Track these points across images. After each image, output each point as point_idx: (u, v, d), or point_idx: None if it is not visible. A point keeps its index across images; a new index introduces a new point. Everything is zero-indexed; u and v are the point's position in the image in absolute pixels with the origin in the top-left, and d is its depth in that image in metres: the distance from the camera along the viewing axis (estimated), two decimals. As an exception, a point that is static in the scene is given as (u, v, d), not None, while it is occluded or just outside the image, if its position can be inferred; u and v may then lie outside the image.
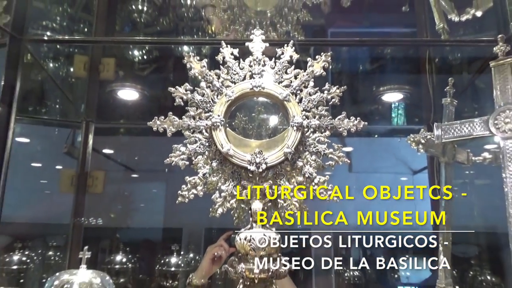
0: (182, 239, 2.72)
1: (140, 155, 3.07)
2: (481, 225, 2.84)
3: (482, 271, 2.27)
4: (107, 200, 2.64)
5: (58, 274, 1.33)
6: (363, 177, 3.35)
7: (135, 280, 2.12)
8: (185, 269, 2.10)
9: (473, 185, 2.69)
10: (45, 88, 2.24)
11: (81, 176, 1.92)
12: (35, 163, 2.52)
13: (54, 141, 2.61)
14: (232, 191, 0.95)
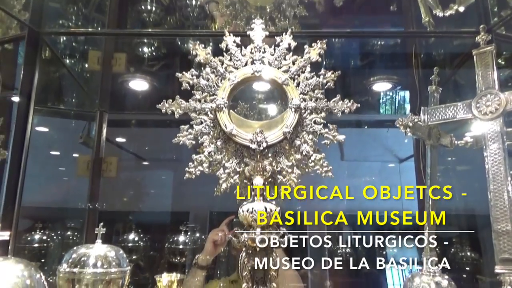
0: (189, 221, 2.71)
1: (150, 145, 3.06)
2: (462, 207, 2.84)
3: (463, 248, 2.27)
4: (120, 185, 2.64)
5: (76, 248, 1.32)
6: (354, 165, 3.34)
7: (146, 256, 2.12)
8: (191, 247, 2.11)
9: (454, 171, 2.69)
10: (63, 84, 2.23)
11: (96, 161, 1.91)
12: (54, 151, 2.51)
13: (71, 133, 2.60)
14: (235, 168, 0.94)
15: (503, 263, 0.95)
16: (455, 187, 2.93)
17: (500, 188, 0.99)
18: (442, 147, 1.86)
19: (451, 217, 2.90)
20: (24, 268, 0.93)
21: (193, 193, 3.08)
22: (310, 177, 1.37)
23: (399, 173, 3.29)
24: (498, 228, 0.97)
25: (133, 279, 2.26)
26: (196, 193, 3.12)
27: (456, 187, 2.85)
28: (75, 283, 1.24)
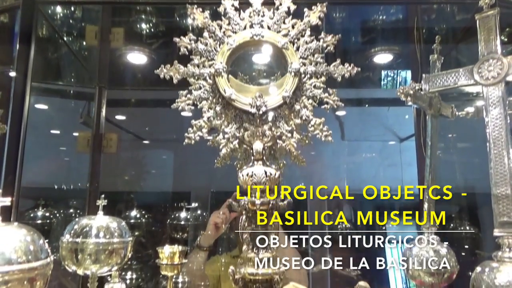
0: (190, 200, 2.73)
1: (150, 125, 3.05)
2: (462, 185, 2.85)
3: (462, 222, 2.29)
4: (120, 163, 2.65)
5: (78, 219, 1.33)
6: (354, 144, 3.34)
7: (148, 232, 2.14)
8: (193, 223, 2.13)
9: (455, 149, 2.69)
10: (60, 59, 2.21)
11: (96, 137, 1.91)
12: (54, 130, 2.51)
13: (71, 113, 2.59)
14: (235, 133, 0.94)
15: (502, 226, 0.95)
16: (455, 164, 2.94)
17: (501, 153, 0.99)
18: (443, 121, 1.85)
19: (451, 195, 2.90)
20: (27, 233, 0.93)
21: (194, 173, 3.09)
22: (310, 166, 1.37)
23: (400, 152, 3.29)
24: (497, 193, 0.97)
25: (136, 255, 2.29)
26: (197, 173, 3.13)
27: (457, 165, 2.87)
28: (78, 252, 1.26)
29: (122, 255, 1.32)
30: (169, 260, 1.46)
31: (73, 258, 1.27)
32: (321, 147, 3.29)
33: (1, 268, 0.84)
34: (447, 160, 2.66)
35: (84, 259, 1.26)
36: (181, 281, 1.98)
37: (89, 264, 1.26)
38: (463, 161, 2.75)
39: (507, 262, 0.92)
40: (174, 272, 1.48)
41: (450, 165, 2.69)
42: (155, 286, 2.07)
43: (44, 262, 0.93)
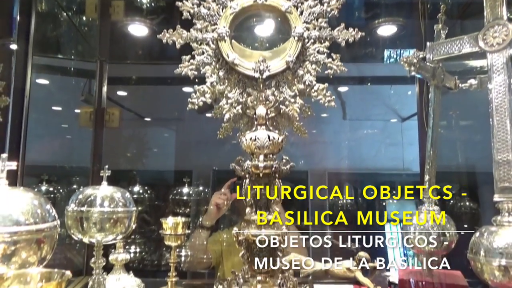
0: (192, 179, 2.75)
1: (152, 103, 3.05)
2: (463, 164, 2.86)
3: (461, 198, 2.31)
4: (123, 139, 2.66)
5: (82, 189, 1.35)
6: (356, 124, 3.35)
7: (151, 206, 2.17)
8: (195, 198, 2.15)
9: (457, 127, 2.69)
10: (61, 38, 2.19)
11: (98, 111, 1.91)
12: (55, 107, 2.51)
13: (72, 91, 2.59)
14: (238, 98, 0.94)
15: (502, 192, 0.97)
16: (457, 143, 2.94)
17: (503, 120, 0.99)
18: (446, 98, 1.84)
19: (452, 174, 2.94)
20: (33, 196, 0.95)
21: (196, 152, 3.11)
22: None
23: (401, 132, 3.29)
24: (499, 159, 0.98)
25: (140, 231, 2.33)
26: (199, 152, 3.15)
27: (458, 143, 2.87)
28: (83, 221, 1.28)
29: (127, 225, 1.34)
30: (173, 230, 1.49)
31: (78, 227, 1.29)
32: (322, 126, 3.30)
33: (9, 228, 0.85)
34: (449, 138, 2.66)
35: (89, 228, 1.28)
36: (184, 255, 2.02)
37: (94, 233, 1.28)
38: (464, 139, 2.75)
39: (506, 226, 0.94)
40: (177, 242, 1.51)
41: (451, 143, 2.70)
42: (159, 258, 2.11)
43: (51, 224, 0.94)
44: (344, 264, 1.55)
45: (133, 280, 1.60)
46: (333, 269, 1.54)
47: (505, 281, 0.90)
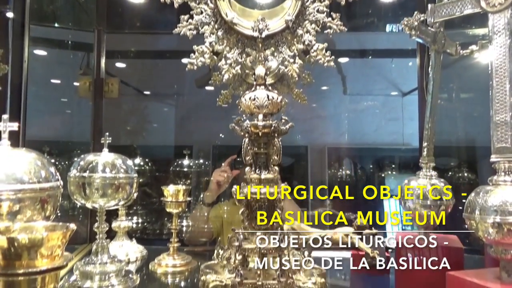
0: (192, 154, 2.77)
1: (151, 78, 3.04)
2: (463, 139, 2.87)
3: (460, 169, 2.33)
4: (122, 112, 2.66)
5: (83, 156, 1.37)
6: (357, 99, 3.34)
7: (152, 178, 2.20)
8: (196, 169, 2.18)
9: (458, 99, 2.68)
10: (58, 7, 2.16)
11: (97, 81, 1.91)
12: (54, 80, 2.50)
13: (70, 65, 2.57)
14: (237, 58, 0.94)
15: (499, 152, 0.98)
16: (457, 117, 2.93)
17: (502, 80, 1.00)
18: (447, 73, 1.82)
19: (451, 149, 2.95)
20: (36, 157, 0.96)
21: (196, 128, 3.12)
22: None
23: (402, 107, 3.29)
24: (497, 119, 0.99)
25: (141, 203, 2.37)
26: (199, 127, 3.16)
27: (458, 116, 2.87)
28: (85, 186, 1.30)
29: (128, 191, 1.37)
30: (174, 197, 1.52)
31: (81, 192, 1.31)
32: (322, 101, 3.29)
33: (13, 186, 0.87)
34: (449, 113, 2.66)
35: (92, 193, 1.30)
36: (185, 225, 2.07)
37: (97, 198, 1.31)
38: (464, 113, 2.75)
39: (502, 185, 0.96)
40: (178, 209, 1.54)
41: (451, 118, 2.71)
42: (160, 227, 2.15)
43: (55, 184, 0.97)
44: (342, 230, 1.58)
45: (135, 246, 1.65)
46: (331, 235, 1.57)
47: (498, 237, 0.92)
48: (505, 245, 0.93)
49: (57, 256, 0.70)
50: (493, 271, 1.01)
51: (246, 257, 0.87)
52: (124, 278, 1.33)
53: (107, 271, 1.30)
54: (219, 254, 1.11)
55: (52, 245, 0.69)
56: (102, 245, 1.34)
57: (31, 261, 0.67)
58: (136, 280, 1.36)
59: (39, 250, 0.67)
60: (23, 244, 0.65)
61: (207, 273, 1.04)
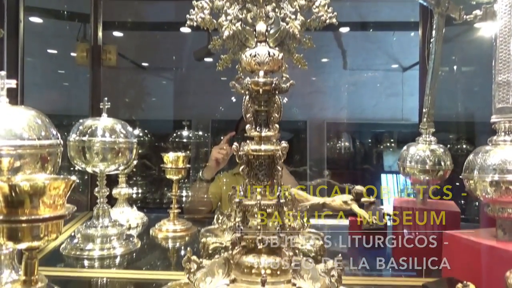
0: (191, 128, 2.76)
1: (149, 51, 3.00)
2: (462, 114, 2.87)
3: (459, 141, 2.34)
4: (120, 84, 2.64)
5: (82, 120, 1.36)
6: (357, 73, 3.31)
7: (151, 149, 2.20)
8: (195, 141, 2.18)
9: (459, 71, 2.67)
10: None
11: (95, 49, 1.88)
12: (51, 50, 2.47)
13: (66, 37, 2.53)
14: (238, 14, 0.92)
15: (500, 112, 0.98)
16: (457, 90, 2.92)
17: (506, 40, 0.98)
18: (448, 46, 1.79)
19: (451, 124, 2.95)
20: (36, 114, 0.96)
21: (195, 102, 3.10)
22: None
23: (402, 82, 3.27)
24: (499, 80, 0.98)
25: (141, 175, 2.38)
26: (198, 102, 3.14)
27: (458, 90, 2.85)
28: (85, 151, 1.31)
29: (128, 156, 1.37)
30: (174, 164, 1.53)
31: (81, 157, 1.31)
32: (322, 75, 3.27)
33: (13, 142, 0.87)
34: (449, 88, 2.65)
35: (92, 157, 1.31)
36: (185, 195, 2.08)
37: (97, 162, 1.31)
38: (464, 88, 2.74)
39: (501, 145, 0.96)
40: (178, 176, 1.55)
41: (451, 93, 2.70)
42: (160, 197, 2.17)
43: (54, 142, 0.96)
44: (341, 198, 1.60)
45: (136, 213, 1.67)
46: (330, 202, 1.59)
47: (496, 196, 0.93)
48: (502, 203, 0.94)
49: (59, 205, 0.71)
50: (489, 231, 1.02)
51: (246, 214, 0.88)
52: (125, 241, 1.35)
53: (108, 234, 1.32)
54: (219, 218, 1.12)
55: (54, 194, 0.69)
56: (103, 209, 1.35)
57: (33, 210, 0.67)
58: (137, 244, 1.39)
59: (41, 198, 0.68)
60: (25, 190, 0.66)
61: (207, 236, 1.05)
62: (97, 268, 1.21)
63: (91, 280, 1.14)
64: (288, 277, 0.78)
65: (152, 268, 1.23)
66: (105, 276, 1.15)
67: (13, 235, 0.66)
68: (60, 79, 2.69)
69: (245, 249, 0.83)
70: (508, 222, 0.95)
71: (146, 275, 1.17)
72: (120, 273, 1.19)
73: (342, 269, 0.83)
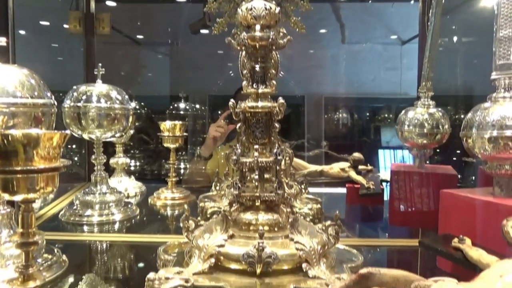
0: (188, 101, 2.74)
1: (144, 25, 2.94)
2: (461, 86, 2.86)
3: (457, 111, 2.34)
4: (116, 57, 2.60)
5: (76, 87, 1.34)
6: (356, 47, 3.27)
7: (148, 121, 2.19)
8: (192, 113, 2.16)
9: (460, 42, 2.64)
10: None
11: (88, 16, 1.83)
12: (43, 22, 2.41)
13: (59, 8, 2.47)
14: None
15: (500, 69, 0.96)
16: (456, 62, 2.88)
17: (508, -5, 0.96)
18: (448, 19, 1.74)
19: (449, 98, 2.94)
20: (28, 73, 0.93)
21: (191, 77, 3.07)
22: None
23: (401, 56, 3.24)
24: (500, 35, 0.96)
25: (139, 149, 2.37)
26: (194, 77, 3.11)
27: (458, 63, 2.82)
28: (81, 117, 1.29)
29: (124, 123, 1.36)
30: (171, 132, 1.51)
31: (77, 124, 1.30)
32: (320, 50, 3.23)
33: (6, 99, 0.85)
34: (448, 61, 2.63)
35: (88, 124, 1.29)
36: (183, 167, 2.08)
37: (93, 128, 1.29)
38: (464, 61, 2.72)
39: (501, 101, 0.95)
40: (175, 144, 1.54)
41: (450, 66, 2.67)
42: (158, 168, 2.17)
43: (48, 101, 0.95)
44: (338, 165, 1.60)
45: (134, 182, 1.67)
46: (328, 170, 1.59)
47: (494, 152, 0.93)
48: (500, 160, 0.94)
49: (54, 158, 0.70)
50: (486, 189, 1.03)
51: (244, 172, 0.87)
52: (124, 208, 1.35)
53: (107, 200, 1.32)
54: (217, 185, 1.12)
55: (48, 146, 0.68)
56: (101, 176, 1.35)
57: (28, 161, 0.66)
58: (136, 211, 1.39)
59: (35, 149, 0.67)
60: (18, 139, 0.64)
61: (206, 202, 1.05)
62: (97, 233, 1.22)
63: (91, 244, 1.14)
64: (286, 233, 0.78)
65: (151, 233, 1.24)
66: (104, 240, 1.16)
67: (8, 186, 0.65)
68: (54, 53, 2.64)
69: (243, 207, 0.83)
70: (505, 179, 0.95)
71: (145, 239, 1.18)
72: (120, 237, 1.20)
73: (340, 226, 0.82)
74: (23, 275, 0.67)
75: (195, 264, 0.75)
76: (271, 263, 0.71)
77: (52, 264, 0.91)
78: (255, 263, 0.70)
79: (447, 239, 0.89)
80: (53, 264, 0.92)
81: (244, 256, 0.70)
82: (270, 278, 0.70)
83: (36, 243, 0.69)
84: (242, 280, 0.70)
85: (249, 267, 0.71)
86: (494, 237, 0.81)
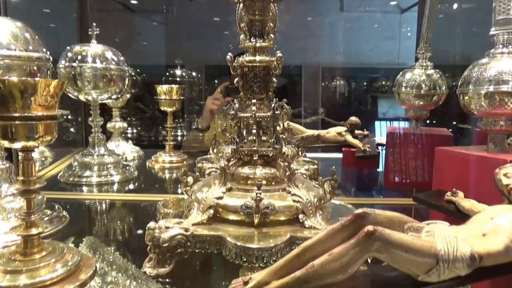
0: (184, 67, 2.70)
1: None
2: (459, 55, 2.83)
3: (454, 78, 2.33)
4: (110, 24, 2.54)
5: (70, 47, 1.32)
6: (354, 16, 3.21)
7: (144, 87, 2.16)
8: (189, 79, 2.14)
9: (460, 9, 2.59)
10: None
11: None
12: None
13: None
14: None
15: (499, 24, 0.95)
16: (455, 31, 2.85)
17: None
18: None
19: (447, 67, 2.92)
20: (22, 26, 0.92)
21: (187, 47, 3.01)
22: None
23: (399, 24, 3.18)
24: (500, -5, 0.95)
25: (136, 117, 2.36)
26: (190, 46, 3.05)
27: (457, 32, 2.79)
28: (76, 78, 1.27)
29: (120, 85, 1.34)
30: (167, 95, 1.50)
31: (72, 85, 1.28)
32: (318, 18, 3.16)
33: (0, 51, 0.84)
34: (447, 28, 2.59)
35: (84, 85, 1.28)
36: (180, 134, 2.09)
37: (89, 89, 1.28)
38: (464, 28, 2.68)
39: (499, 57, 0.95)
40: (172, 108, 1.53)
41: (449, 34, 2.64)
42: (155, 135, 2.18)
43: (43, 55, 0.93)
44: (335, 129, 1.61)
45: (132, 147, 1.67)
46: (324, 134, 1.60)
47: (490, 108, 0.94)
48: (495, 115, 0.94)
49: (52, 107, 0.70)
50: (480, 147, 1.04)
51: (241, 127, 0.88)
52: (122, 170, 1.36)
53: (105, 162, 1.33)
54: (214, 148, 1.12)
55: (45, 94, 0.68)
56: (98, 138, 1.35)
57: (27, 109, 0.66)
58: (134, 173, 1.40)
59: (33, 97, 0.66)
60: (15, 85, 0.64)
61: (204, 163, 1.06)
62: (96, 193, 1.23)
63: (90, 203, 1.16)
64: (283, 186, 0.79)
65: (150, 193, 1.25)
66: (103, 199, 1.17)
67: (7, 133, 0.65)
68: (46, 19, 2.57)
69: (241, 162, 0.84)
70: (500, 135, 0.97)
71: (143, 197, 1.19)
72: (119, 196, 1.21)
73: (336, 181, 0.84)
74: (26, 222, 0.68)
75: (194, 216, 0.76)
76: (269, 213, 0.72)
77: (52, 218, 0.93)
78: (253, 213, 0.71)
79: (440, 194, 0.91)
80: (54, 218, 0.93)
81: (242, 207, 0.72)
82: (267, 228, 0.71)
83: (38, 191, 0.70)
84: (240, 230, 0.71)
85: (247, 218, 0.72)
86: (488, 191, 0.83)
